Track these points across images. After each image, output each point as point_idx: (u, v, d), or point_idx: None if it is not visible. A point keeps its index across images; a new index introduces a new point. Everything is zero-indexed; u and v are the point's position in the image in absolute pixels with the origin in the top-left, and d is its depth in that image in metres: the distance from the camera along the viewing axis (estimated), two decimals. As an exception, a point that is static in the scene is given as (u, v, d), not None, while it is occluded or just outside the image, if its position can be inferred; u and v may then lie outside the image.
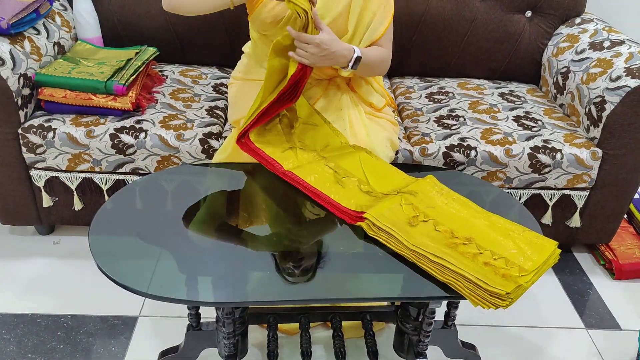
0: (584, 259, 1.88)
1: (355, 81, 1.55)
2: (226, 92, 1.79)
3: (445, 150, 1.57)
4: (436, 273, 0.96)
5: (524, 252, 1.00)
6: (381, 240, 1.04)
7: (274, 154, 1.28)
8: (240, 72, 1.61)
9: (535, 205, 1.67)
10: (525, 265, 0.97)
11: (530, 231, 1.07)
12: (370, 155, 1.32)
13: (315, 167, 1.26)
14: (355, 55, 1.33)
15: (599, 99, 1.60)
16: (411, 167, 1.49)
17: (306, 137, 1.35)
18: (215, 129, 1.58)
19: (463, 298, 0.95)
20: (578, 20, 1.93)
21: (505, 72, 2.02)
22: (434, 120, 1.70)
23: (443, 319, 1.30)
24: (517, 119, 1.71)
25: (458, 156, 1.57)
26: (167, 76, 1.84)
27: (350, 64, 1.33)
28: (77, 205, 1.64)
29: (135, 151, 1.54)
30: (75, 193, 1.62)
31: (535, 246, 1.02)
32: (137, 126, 1.54)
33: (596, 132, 1.62)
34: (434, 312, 1.14)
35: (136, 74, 1.61)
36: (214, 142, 1.55)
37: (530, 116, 1.73)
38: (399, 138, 1.60)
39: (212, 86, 1.82)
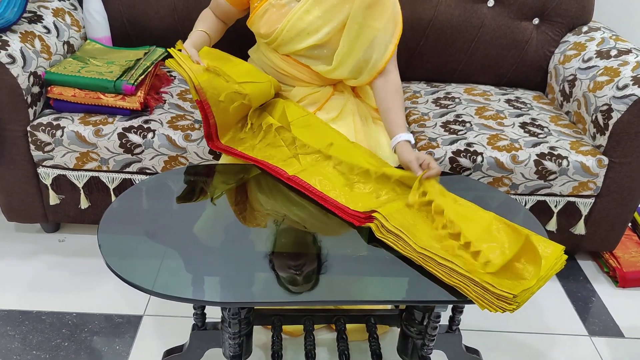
0: (588, 267, 1.88)
1: (361, 87, 1.55)
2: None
3: (452, 155, 1.57)
4: (443, 276, 0.96)
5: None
6: (388, 243, 1.04)
7: (277, 163, 1.28)
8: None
9: (540, 211, 1.67)
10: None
11: (537, 235, 1.07)
12: (374, 157, 1.31)
13: (319, 169, 1.26)
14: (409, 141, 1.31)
15: (605, 107, 1.60)
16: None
17: (305, 138, 1.33)
18: (222, 130, 1.59)
19: (470, 302, 0.95)
20: (585, 28, 1.93)
21: (512, 79, 2.03)
22: (440, 126, 1.70)
23: (447, 323, 1.30)
24: (523, 125, 1.72)
25: (464, 161, 1.57)
26: (175, 77, 1.85)
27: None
28: (84, 203, 1.65)
29: (142, 151, 1.55)
30: (82, 191, 1.63)
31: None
32: (145, 126, 1.55)
33: (602, 140, 1.62)
34: (439, 316, 1.14)
35: (145, 74, 1.62)
36: (221, 143, 1.55)
37: (537, 123, 1.74)
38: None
39: (219, 87, 1.83)
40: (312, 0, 1.37)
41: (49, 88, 1.56)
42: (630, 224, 1.99)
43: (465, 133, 1.65)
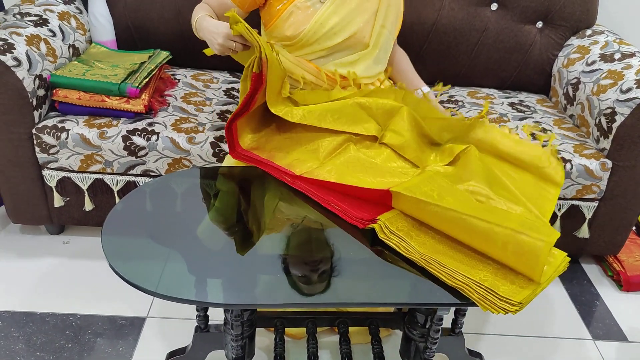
0: (592, 270, 1.88)
1: (366, 86, 1.56)
2: (237, 97, 1.80)
3: (455, 158, 1.57)
4: (446, 278, 0.96)
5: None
6: (391, 244, 1.04)
7: (283, 160, 1.28)
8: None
9: (544, 215, 1.67)
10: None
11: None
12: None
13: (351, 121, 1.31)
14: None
15: (609, 111, 1.60)
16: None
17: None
18: (226, 132, 1.59)
19: (472, 304, 0.95)
20: (589, 31, 1.93)
21: (515, 82, 2.03)
22: (443, 129, 1.71)
23: (450, 326, 1.30)
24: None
25: (467, 164, 1.57)
26: (179, 80, 1.86)
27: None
28: (88, 205, 1.66)
29: (146, 153, 1.55)
30: (86, 194, 1.64)
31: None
32: (149, 129, 1.56)
33: (606, 144, 1.62)
34: (441, 319, 1.14)
35: (149, 77, 1.63)
36: (224, 146, 1.56)
37: (540, 126, 1.74)
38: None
39: (223, 90, 1.83)
40: (338, 3, 1.40)
41: (54, 91, 1.57)
42: (634, 228, 1.98)
43: (469, 136, 1.65)
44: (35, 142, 1.55)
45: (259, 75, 1.24)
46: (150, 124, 1.57)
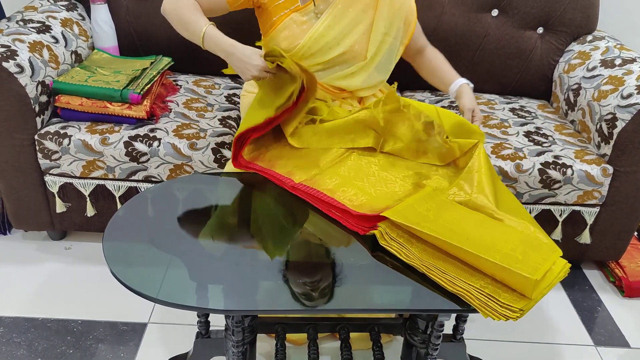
0: (594, 276, 1.87)
1: (367, 98, 1.56)
2: (239, 102, 1.81)
3: (456, 164, 1.57)
4: (446, 284, 0.96)
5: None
6: (392, 251, 1.04)
7: (284, 168, 1.29)
8: (253, 84, 1.63)
9: (545, 220, 1.67)
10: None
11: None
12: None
13: (345, 161, 1.29)
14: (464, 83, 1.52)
15: (610, 116, 1.60)
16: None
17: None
18: (227, 138, 1.60)
19: (473, 311, 0.95)
20: (590, 37, 1.93)
21: (516, 88, 2.03)
22: (444, 134, 1.71)
23: (451, 332, 1.30)
24: (527, 134, 1.72)
25: (468, 170, 1.57)
26: (181, 86, 1.87)
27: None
28: (90, 211, 1.66)
29: (148, 159, 1.56)
30: (88, 199, 1.64)
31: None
32: (151, 134, 1.56)
33: (607, 149, 1.62)
34: (442, 325, 1.14)
35: (151, 83, 1.64)
36: (226, 152, 1.56)
37: (541, 132, 1.74)
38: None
39: (225, 96, 1.84)
40: (333, 16, 1.38)
41: (56, 97, 1.58)
42: (636, 233, 1.98)
43: (470, 142, 1.65)
44: (37, 148, 1.56)
45: (295, 103, 1.28)
46: (152, 130, 1.58)
